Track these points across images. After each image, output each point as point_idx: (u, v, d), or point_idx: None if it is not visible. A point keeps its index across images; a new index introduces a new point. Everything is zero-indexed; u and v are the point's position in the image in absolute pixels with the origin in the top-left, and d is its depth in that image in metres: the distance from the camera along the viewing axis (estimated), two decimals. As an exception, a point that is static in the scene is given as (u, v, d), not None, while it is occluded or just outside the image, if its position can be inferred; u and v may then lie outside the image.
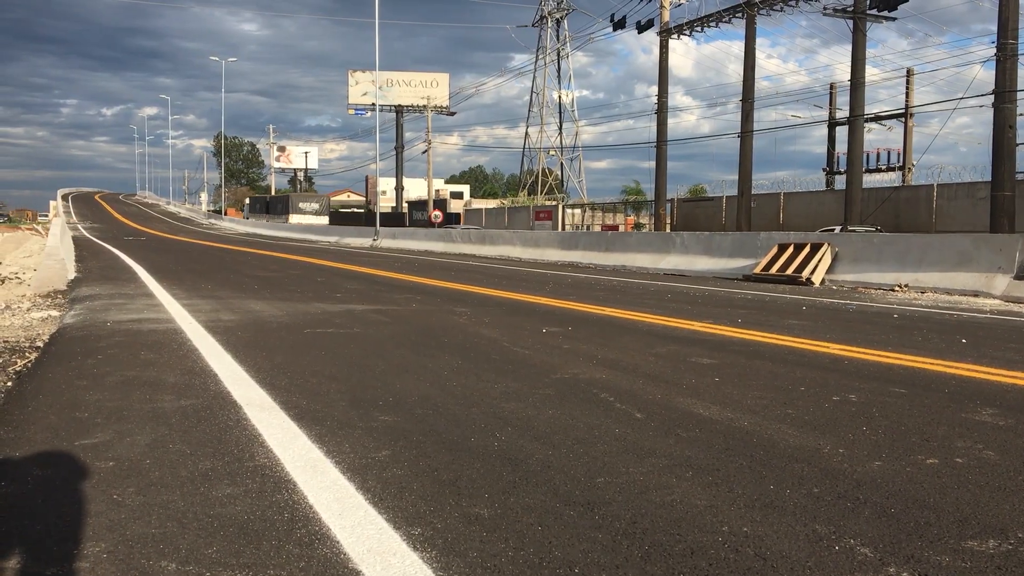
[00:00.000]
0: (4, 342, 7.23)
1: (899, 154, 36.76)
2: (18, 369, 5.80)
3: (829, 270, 15.98)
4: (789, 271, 16.25)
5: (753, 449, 3.64)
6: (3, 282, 14.61)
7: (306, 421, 4.03)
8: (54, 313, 9.34)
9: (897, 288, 14.30)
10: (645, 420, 4.16)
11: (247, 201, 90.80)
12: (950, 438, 3.87)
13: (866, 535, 2.66)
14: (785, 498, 3.00)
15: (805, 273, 15.89)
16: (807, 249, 16.44)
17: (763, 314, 9.77)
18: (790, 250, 16.81)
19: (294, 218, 69.85)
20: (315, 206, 74.35)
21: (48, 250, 17.24)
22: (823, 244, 16.27)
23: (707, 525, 2.73)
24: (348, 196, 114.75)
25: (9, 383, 5.34)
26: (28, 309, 10.08)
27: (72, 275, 14.60)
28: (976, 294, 13.13)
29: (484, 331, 7.67)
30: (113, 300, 10.29)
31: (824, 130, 38.97)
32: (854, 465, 3.41)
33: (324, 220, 67.89)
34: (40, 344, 7.03)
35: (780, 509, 2.89)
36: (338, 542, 2.55)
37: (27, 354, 6.52)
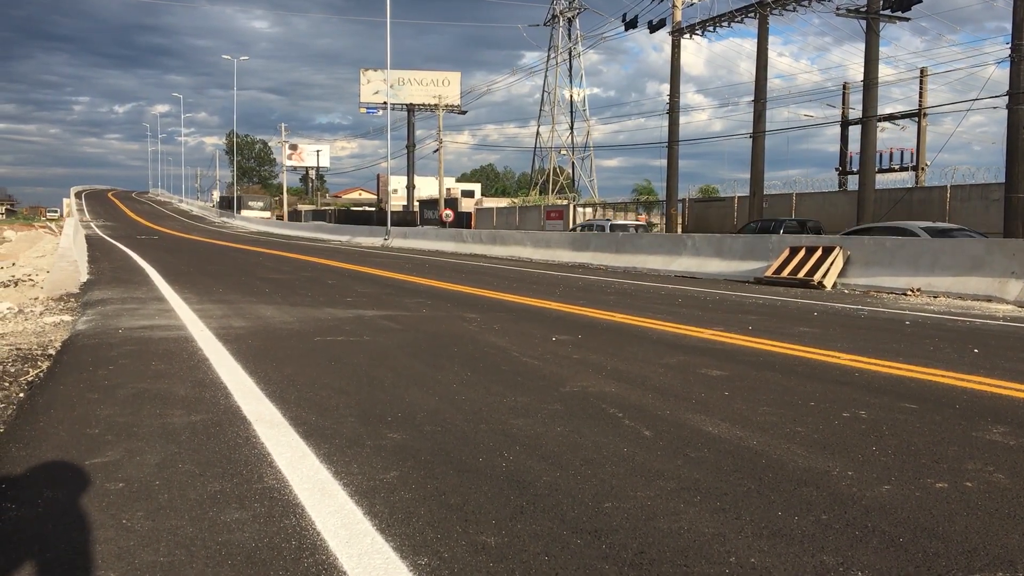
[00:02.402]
0: (17, 349, 7.27)
1: (912, 154, 36.56)
2: (30, 379, 5.83)
3: (841, 274, 15.92)
4: (801, 274, 16.20)
5: (762, 471, 3.63)
6: (16, 284, 14.70)
7: (315, 439, 4.04)
8: (66, 318, 9.39)
9: (909, 292, 14.23)
10: (654, 439, 4.16)
11: (217, 200, 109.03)
12: (960, 459, 3.85)
13: (874, 567, 2.64)
14: (793, 526, 2.99)
15: (817, 276, 15.83)
16: (819, 252, 16.38)
17: (774, 320, 9.74)
18: (802, 253, 16.75)
19: (245, 212, 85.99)
20: (260, 204, 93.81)
21: (61, 251, 17.33)
22: (834, 247, 16.20)
23: (714, 555, 2.73)
24: (360, 194, 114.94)
25: (21, 394, 5.38)
26: (41, 313, 10.14)
27: (84, 277, 14.68)
28: (989, 299, 13.06)
29: (494, 339, 7.67)
30: (125, 305, 10.34)
31: (836, 128, 38.79)
32: (863, 489, 3.40)
33: (267, 214, 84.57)
34: (52, 352, 7.07)
35: (788, 538, 2.88)
36: (345, 573, 2.56)
37: (39, 363, 6.56)
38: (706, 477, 3.54)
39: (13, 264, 20.31)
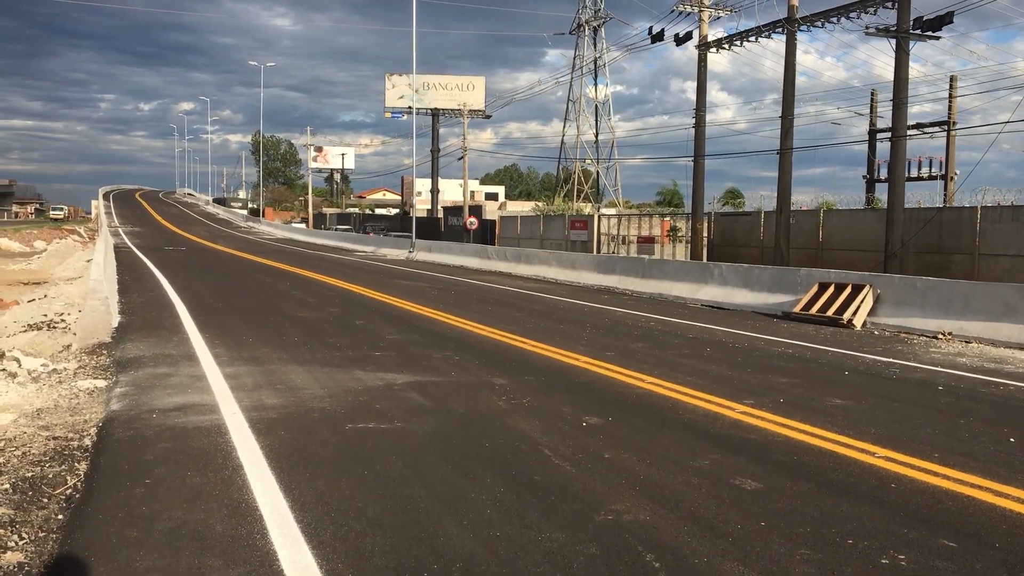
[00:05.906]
0: (53, 438, 7.35)
1: (941, 162, 36.21)
2: (68, 493, 5.90)
3: (871, 312, 15.78)
4: (830, 312, 16.08)
5: (803, 668, 3.60)
6: (49, 327, 14.85)
7: (353, 611, 4.06)
8: (100, 384, 9.49)
9: (940, 336, 14.08)
10: (691, 608, 4.14)
11: (211, 198, 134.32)
12: (1005, 645, 3.81)
13: None
14: None
15: (847, 315, 15.71)
16: (848, 290, 16.25)
17: (805, 386, 9.69)
18: (831, 290, 16.63)
19: (228, 209, 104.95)
20: (239, 204, 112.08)
21: (92, 285, 17.46)
22: (864, 285, 16.06)
23: None
24: (384, 194, 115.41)
25: (60, 516, 5.45)
26: (75, 373, 10.26)
27: (116, 321, 14.81)
28: (1022, 347, 12.90)
29: (524, 426, 7.67)
30: (157, 368, 10.42)
31: (863, 127, 38.36)
32: None
33: (244, 212, 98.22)
34: (88, 442, 7.16)
35: None
36: None
37: (76, 463, 6.63)
38: None
39: (44, 295, 20.51)
